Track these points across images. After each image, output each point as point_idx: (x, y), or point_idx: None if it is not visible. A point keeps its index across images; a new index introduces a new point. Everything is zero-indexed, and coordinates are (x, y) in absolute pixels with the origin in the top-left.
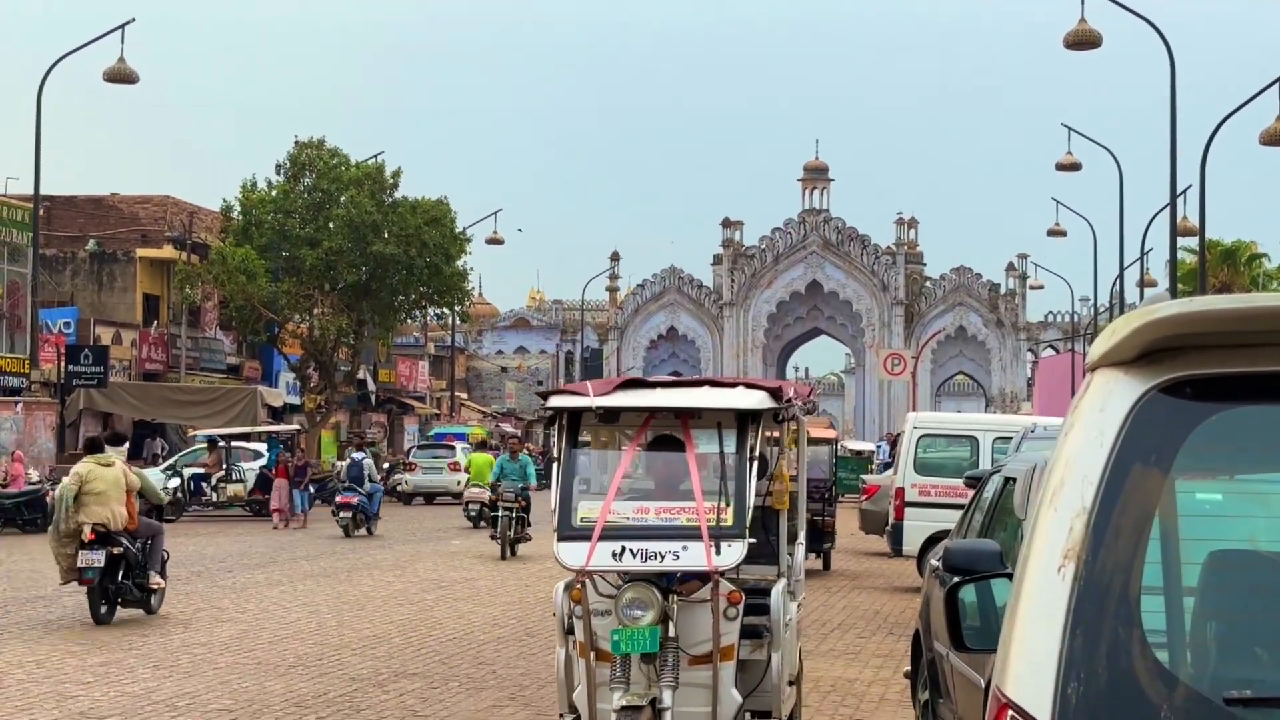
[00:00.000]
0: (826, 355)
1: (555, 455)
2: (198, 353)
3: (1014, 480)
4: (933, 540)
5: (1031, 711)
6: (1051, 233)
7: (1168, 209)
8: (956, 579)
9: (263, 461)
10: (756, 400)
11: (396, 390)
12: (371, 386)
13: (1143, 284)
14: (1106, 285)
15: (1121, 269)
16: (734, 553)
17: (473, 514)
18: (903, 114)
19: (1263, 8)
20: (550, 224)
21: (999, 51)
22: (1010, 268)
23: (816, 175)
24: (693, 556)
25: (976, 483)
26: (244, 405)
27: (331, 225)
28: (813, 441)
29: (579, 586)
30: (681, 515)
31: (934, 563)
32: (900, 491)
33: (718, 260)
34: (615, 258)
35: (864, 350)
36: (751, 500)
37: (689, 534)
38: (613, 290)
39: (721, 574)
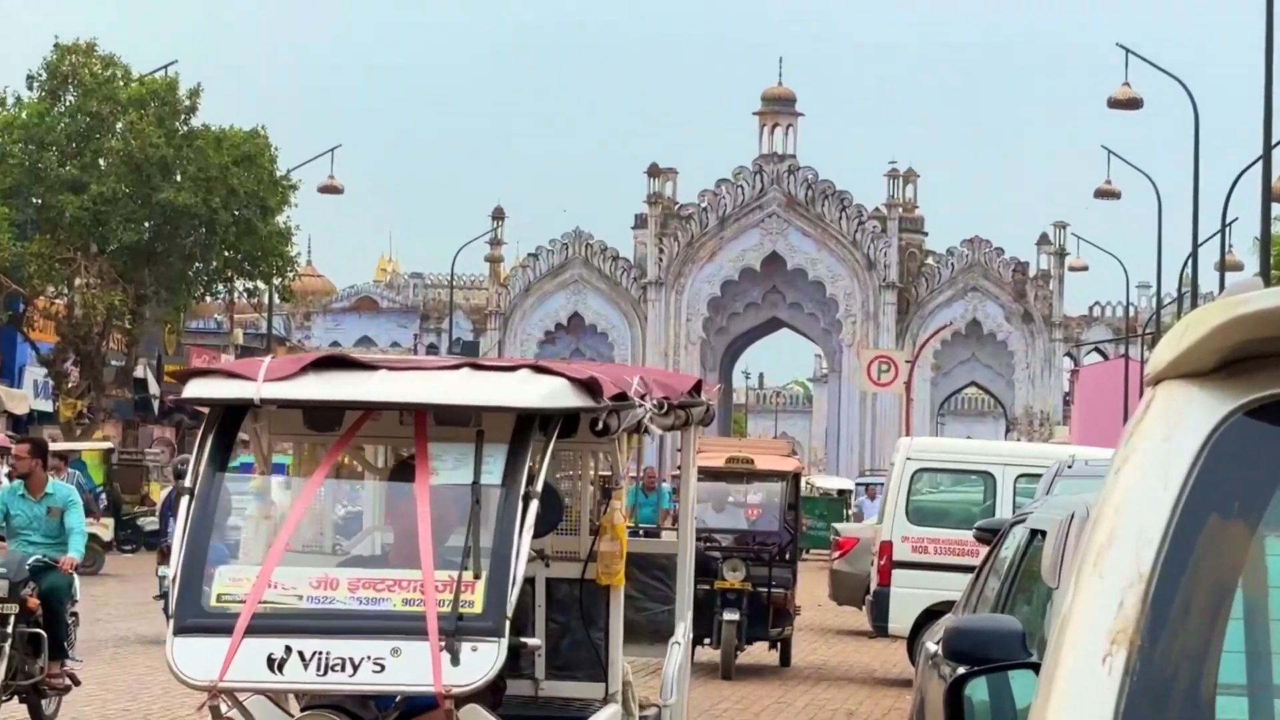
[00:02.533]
0: (789, 357)
1: (187, 481)
2: None
3: (1043, 534)
4: (930, 615)
5: None
6: (1100, 193)
7: (1259, 164)
8: (963, 670)
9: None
10: (543, 394)
11: None
12: (154, 389)
13: (1223, 266)
14: (1174, 267)
15: (1195, 245)
16: (481, 661)
17: None
18: (897, 27)
19: None
20: (408, 168)
21: None
22: (1043, 240)
23: (779, 108)
24: (408, 667)
25: (992, 536)
26: None
27: (103, 163)
28: (758, 476)
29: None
30: (396, 594)
31: (931, 646)
32: (887, 547)
33: (640, 222)
34: (498, 216)
35: (841, 350)
36: (520, 567)
37: (407, 627)
38: (494, 261)
39: (459, 699)
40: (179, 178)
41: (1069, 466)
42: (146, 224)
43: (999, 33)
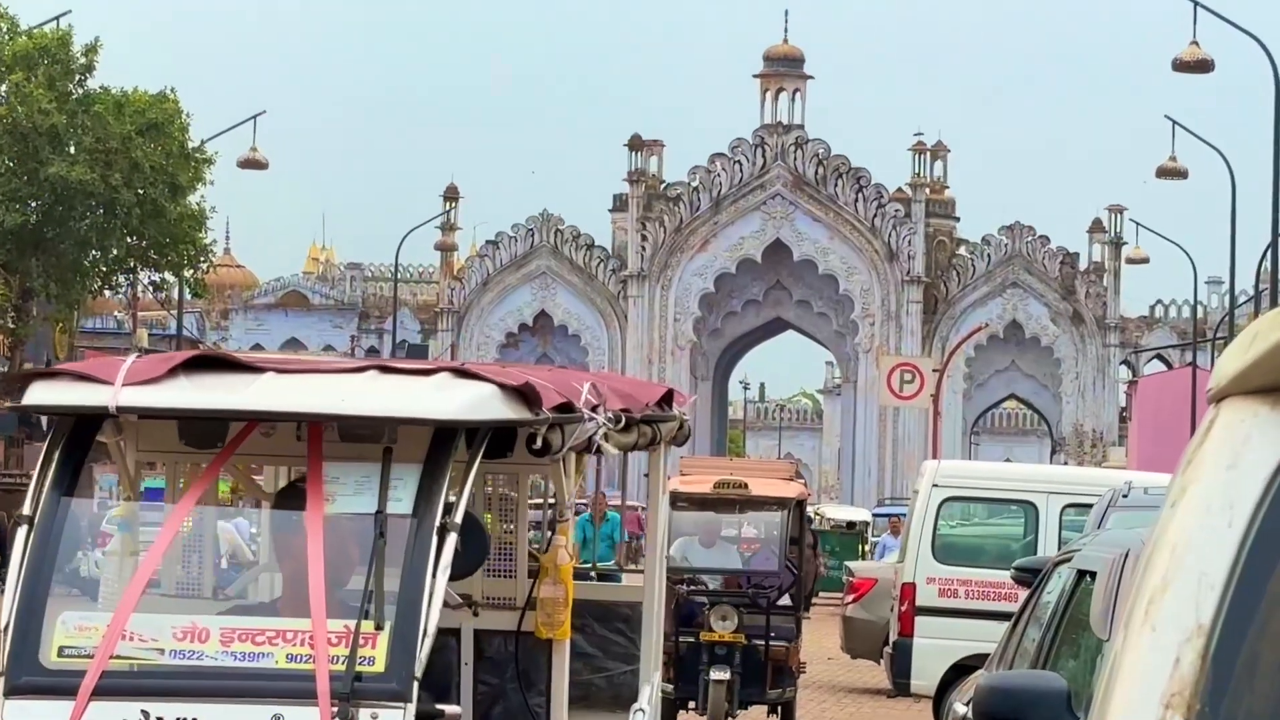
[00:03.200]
0: (795, 364)
1: (26, 508)
2: None
3: (1093, 575)
4: (959, 670)
5: None
6: (1164, 172)
7: None
8: None
9: None
10: (465, 403)
11: None
12: None
13: None
14: (1250, 259)
15: (1276, 234)
16: None
17: None
18: None
19: None
20: (345, 139)
21: None
22: (1096, 228)
23: (784, 69)
24: None
25: (1033, 577)
26: None
27: None
28: (754, 503)
29: None
30: (279, 648)
31: (960, 709)
32: (909, 590)
33: (620, 204)
34: (452, 196)
35: (856, 357)
36: (433, 616)
37: (292, 689)
38: (447, 249)
39: None
40: (72, 149)
41: (1125, 496)
42: (33, 204)
43: None
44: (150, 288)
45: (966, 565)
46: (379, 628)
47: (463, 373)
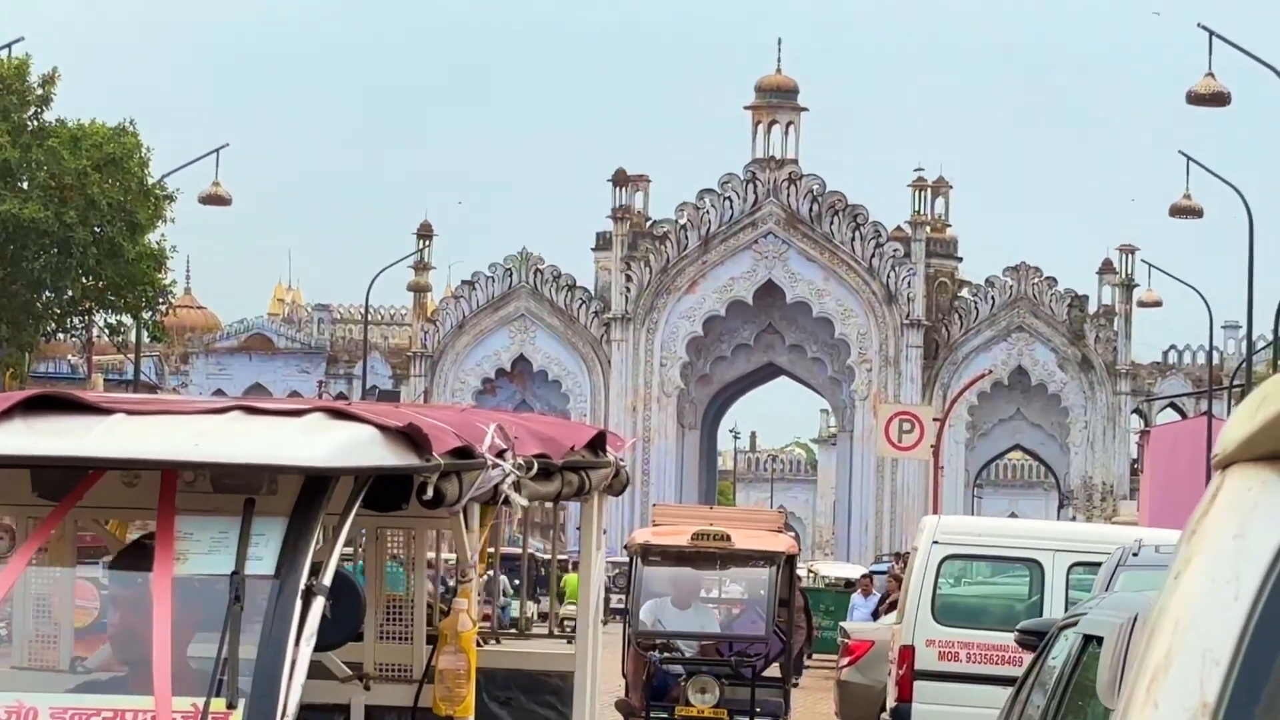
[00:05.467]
0: (788, 412)
1: None
2: None
3: (1100, 640)
4: None
5: None
6: (1177, 211)
7: None
8: None
9: None
10: (337, 448)
11: None
12: None
13: None
14: (1269, 303)
15: None
16: None
17: None
18: (924, 6)
19: None
20: (312, 174)
21: None
22: (1106, 269)
23: (777, 100)
24: None
25: (1038, 640)
26: None
27: None
28: (737, 559)
29: None
30: None
31: None
32: (907, 653)
33: (603, 243)
34: (426, 234)
35: (853, 405)
36: (295, 690)
37: None
38: (420, 290)
39: None
40: (26, 185)
41: (1135, 554)
42: None
43: (1051, 10)
44: (106, 330)
45: (968, 627)
46: (231, 706)
47: (339, 413)
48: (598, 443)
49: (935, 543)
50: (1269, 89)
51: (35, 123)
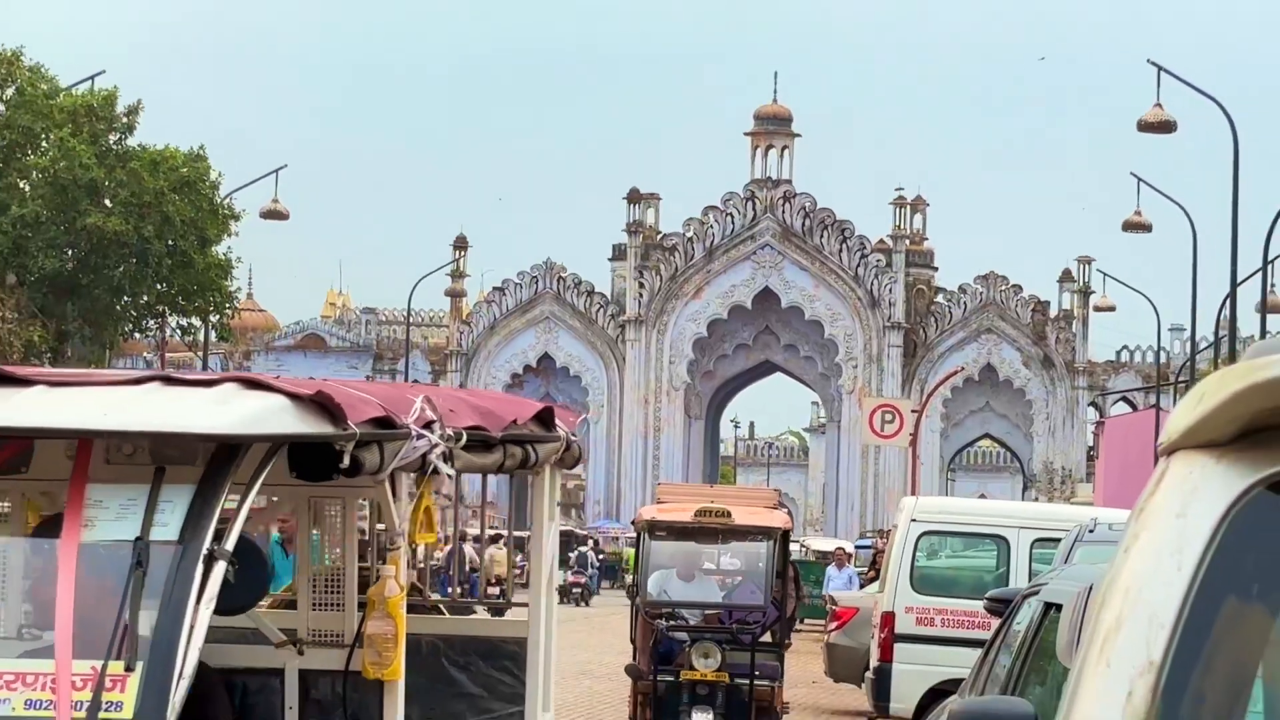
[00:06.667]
0: (783, 404)
1: None
2: None
3: (1059, 607)
4: (936, 694)
5: None
6: (1129, 225)
7: None
8: None
9: None
10: (245, 417)
11: None
12: None
13: (1265, 307)
14: (1211, 308)
15: (1234, 284)
16: None
17: None
18: (904, 40)
19: None
20: (361, 192)
21: None
22: (1066, 278)
23: (773, 127)
24: None
25: (1005, 607)
26: None
27: (25, 184)
28: (737, 533)
29: None
30: (18, 692)
31: None
32: (889, 618)
33: (618, 254)
34: (461, 245)
35: (840, 398)
36: (192, 654)
37: None
38: (456, 295)
39: None
40: (109, 202)
41: (1090, 531)
42: (71, 252)
43: (1017, 48)
44: (178, 331)
45: (942, 595)
46: (129, 668)
47: (253, 383)
48: (546, 417)
49: (913, 521)
50: (1211, 117)
51: (119, 147)
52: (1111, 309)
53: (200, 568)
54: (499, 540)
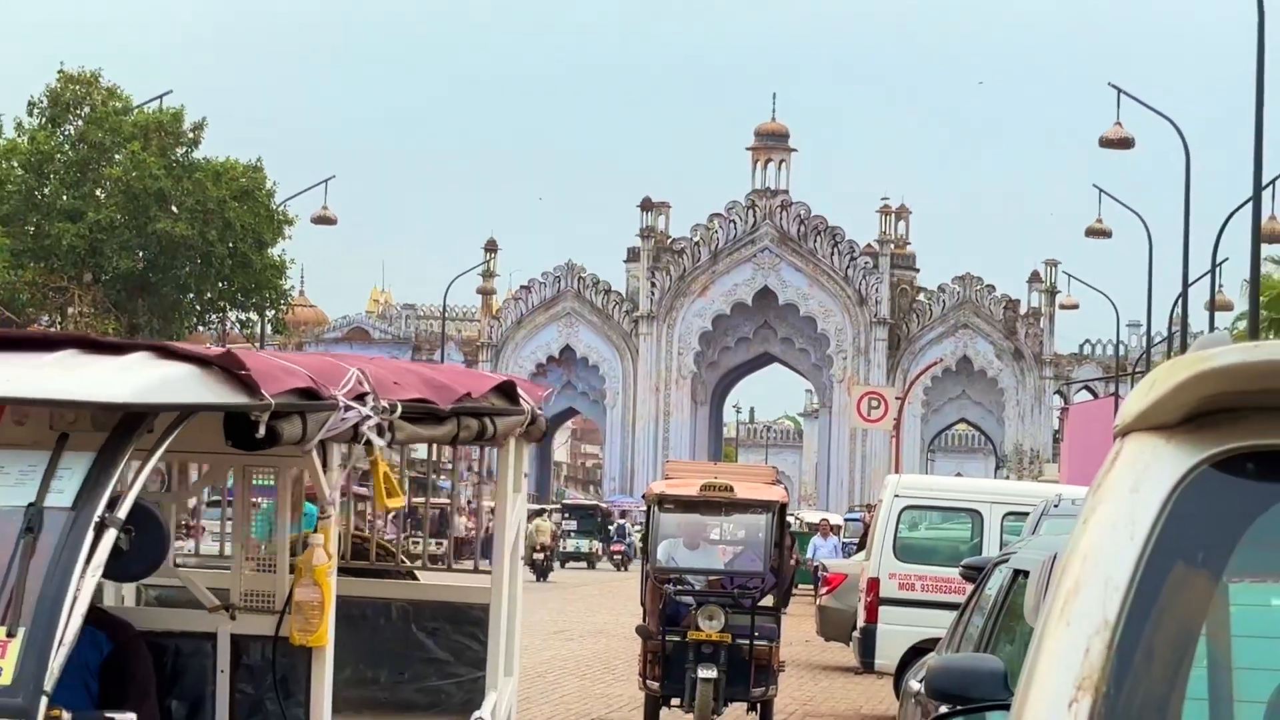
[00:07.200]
0: (780, 392)
1: None
2: None
3: (1026, 574)
4: (916, 651)
5: None
6: (1091, 232)
7: (1249, 205)
8: (943, 709)
9: None
10: (148, 385)
11: None
12: None
13: (1213, 306)
14: (1164, 306)
15: (1185, 285)
16: None
17: None
18: (891, 65)
19: None
20: (401, 199)
21: None
22: (1034, 278)
23: (772, 143)
24: None
25: (978, 574)
26: None
27: (101, 193)
28: (739, 506)
29: None
30: None
31: (915, 685)
32: (874, 584)
33: (633, 256)
34: (491, 248)
35: (831, 386)
36: (74, 620)
37: None
38: (487, 293)
39: None
40: (176, 209)
41: (1055, 505)
42: (142, 254)
43: (991, 71)
44: (238, 324)
45: (922, 563)
46: (11, 634)
47: (165, 351)
48: (509, 390)
49: (896, 496)
50: (1165, 135)
51: (185, 159)
52: (1075, 307)
53: (90, 535)
54: (544, 513)
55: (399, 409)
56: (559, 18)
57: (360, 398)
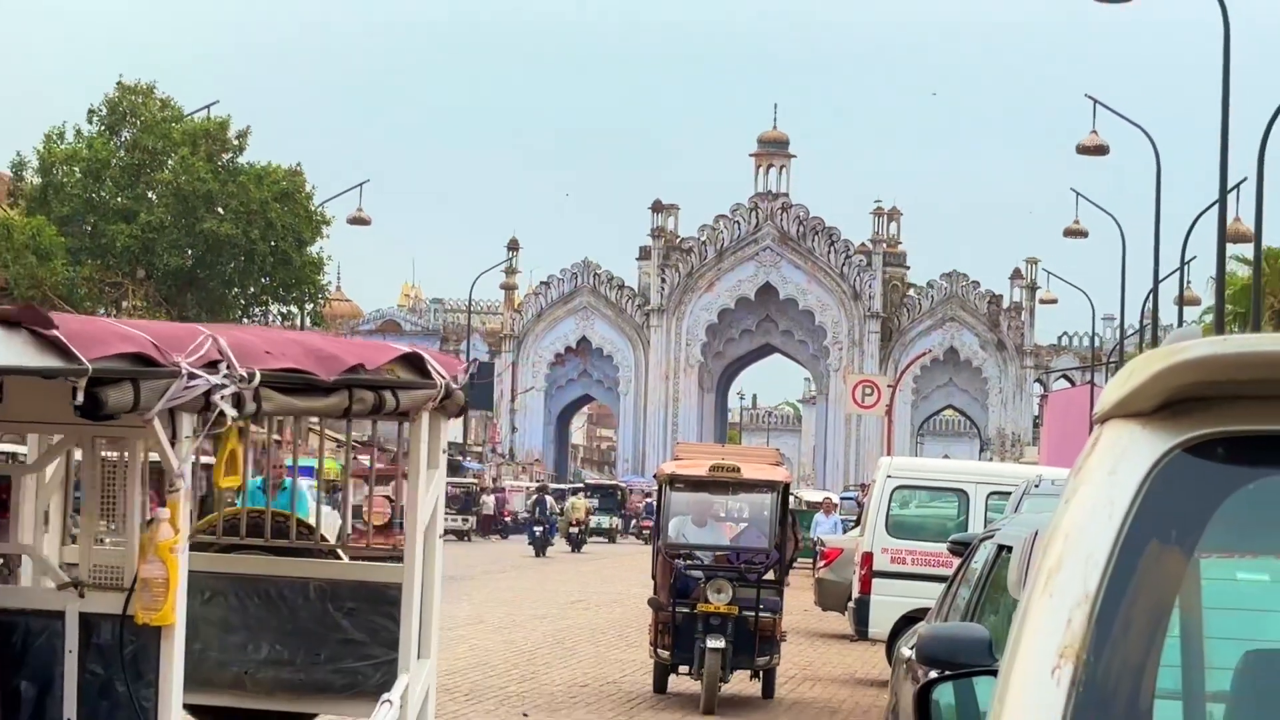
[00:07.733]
0: (780, 380)
1: None
2: None
3: (1009, 549)
4: (907, 620)
5: None
6: (1069, 232)
7: (1215, 207)
8: (932, 674)
9: None
10: None
11: None
12: None
13: (1182, 300)
14: (1137, 301)
15: (1156, 281)
16: None
17: None
18: (883, 76)
19: None
20: (431, 201)
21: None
22: (1016, 275)
23: (773, 149)
24: None
25: (964, 549)
26: None
27: (153, 195)
28: (745, 486)
29: None
30: None
31: (905, 651)
32: (868, 558)
33: (645, 254)
34: (514, 246)
35: (828, 375)
36: None
37: None
38: (509, 288)
39: None
40: (222, 210)
41: (1036, 486)
42: (190, 252)
43: (977, 83)
44: (279, 318)
45: (912, 539)
46: None
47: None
48: (417, 362)
49: (888, 477)
50: (1138, 142)
51: (231, 164)
52: (1054, 301)
53: None
54: (579, 492)
55: (258, 377)
56: (575, 38)
57: (212, 365)
